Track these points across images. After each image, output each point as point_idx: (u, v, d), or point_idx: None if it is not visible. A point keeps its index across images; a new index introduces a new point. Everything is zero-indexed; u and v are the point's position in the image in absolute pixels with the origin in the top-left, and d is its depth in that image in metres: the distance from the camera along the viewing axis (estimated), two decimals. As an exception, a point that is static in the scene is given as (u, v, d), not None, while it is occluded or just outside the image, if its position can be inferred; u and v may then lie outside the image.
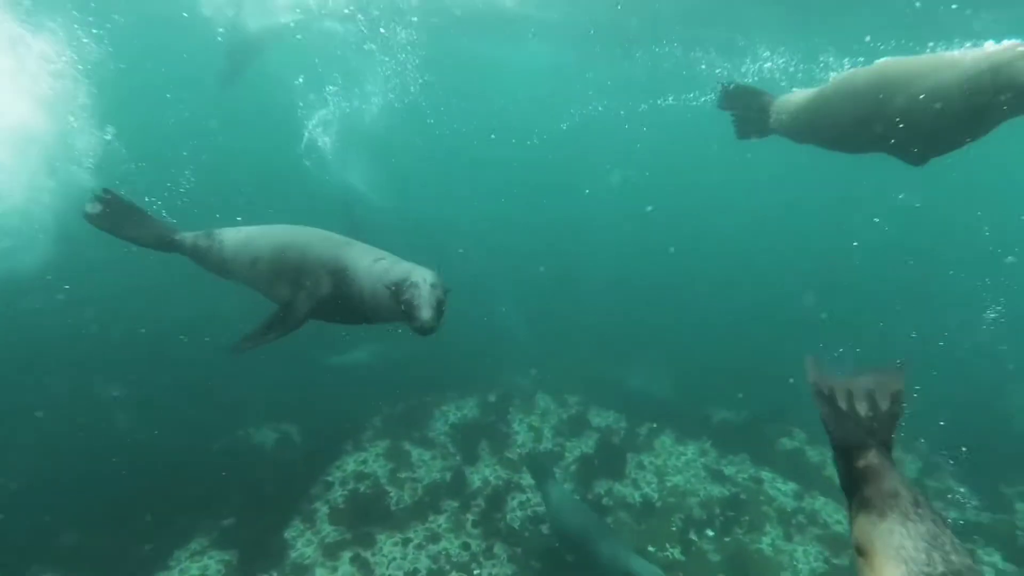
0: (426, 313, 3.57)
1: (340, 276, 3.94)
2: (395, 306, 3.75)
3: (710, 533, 9.76)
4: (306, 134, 16.74)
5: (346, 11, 15.01)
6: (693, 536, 9.66)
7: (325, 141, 16.88)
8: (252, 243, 4.40)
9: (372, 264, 3.95)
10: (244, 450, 11.49)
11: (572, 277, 22.13)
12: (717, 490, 10.74)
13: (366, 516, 9.33)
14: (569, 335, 17.11)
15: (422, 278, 3.69)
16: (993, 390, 13.57)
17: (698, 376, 16.62)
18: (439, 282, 3.79)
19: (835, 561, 9.23)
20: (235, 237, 4.56)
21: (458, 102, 27.01)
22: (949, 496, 10.90)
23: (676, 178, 35.52)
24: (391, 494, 9.99)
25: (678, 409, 13.94)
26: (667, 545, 9.45)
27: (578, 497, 9.87)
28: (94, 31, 12.44)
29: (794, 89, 5.26)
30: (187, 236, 4.84)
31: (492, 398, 13.30)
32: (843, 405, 2.22)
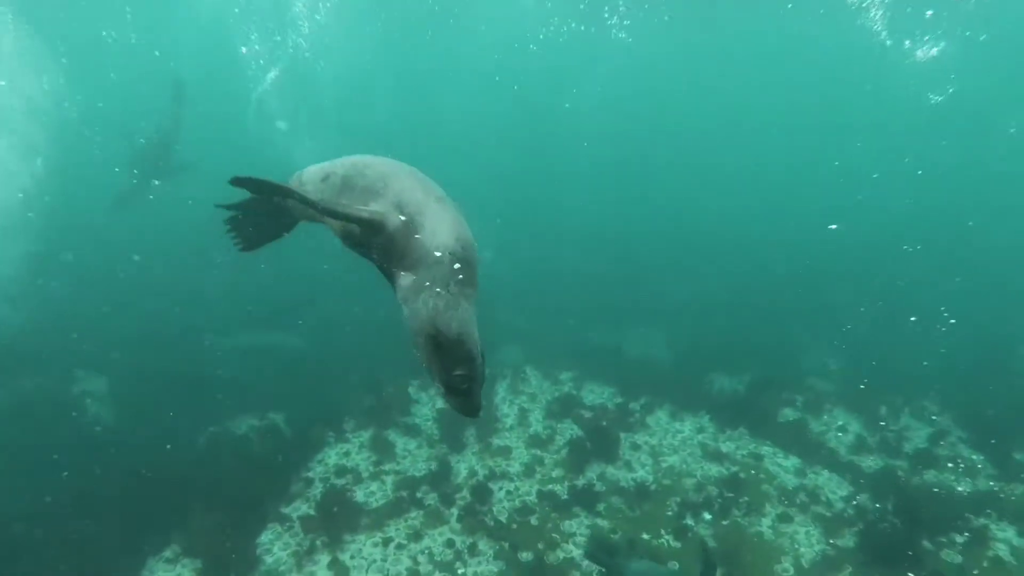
0: (478, 403, 2.65)
1: (410, 225, 2.92)
2: (417, 343, 2.74)
3: (707, 517, 9.31)
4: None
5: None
6: (689, 520, 9.22)
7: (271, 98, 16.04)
8: (333, 162, 3.57)
9: (448, 249, 2.80)
10: (226, 443, 11.09)
11: (561, 239, 21.41)
12: (715, 469, 10.26)
13: (346, 515, 8.93)
14: (561, 304, 16.52)
15: (476, 348, 2.66)
16: (1007, 349, 12.88)
17: (699, 340, 16.12)
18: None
19: (838, 543, 8.77)
20: (319, 164, 3.72)
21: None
22: (960, 464, 10.36)
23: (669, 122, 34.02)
24: (373, 489, 9.60)
25: (677, 377, 13.47)
26: (662, 531, 9.02)
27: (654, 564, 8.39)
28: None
29: None
30: None
31: (481, 378, 12.78)
32: None
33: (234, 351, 13.44)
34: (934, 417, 11.62)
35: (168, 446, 9.82)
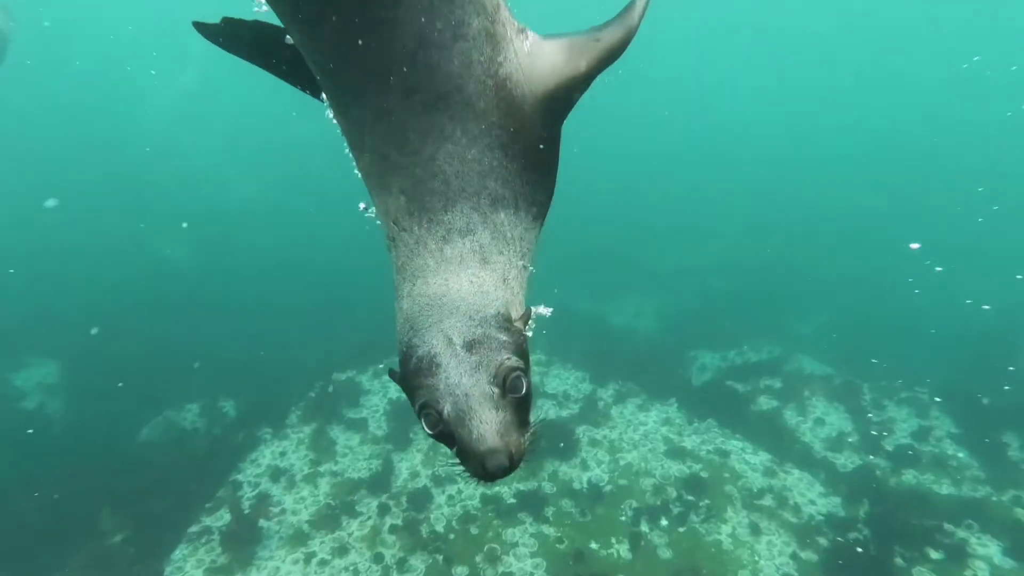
0: (479, 446, 1.55)
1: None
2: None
3: (663, 523, 8.60)
4: None
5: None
6: (644, 527, 8.51)
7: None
8: None
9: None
10: (159, 444, 10.52)
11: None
12: (676, 468, 9.49)
13: (268, 528, 8.33)
14: (540, 273, 15.56)
15: (439, 366, 1.64)
16: (1004, 338, 11.79)
17: (688, 310, 15.34)
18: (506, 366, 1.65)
19: (803, 556, 8.03)
20: None
21: None
22: (946, 464, 9.48)
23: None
24: (304, 495, 8.96)
25: (657, 353, 12.73)
26: (613, 540, 8.33)
27: None
28: None
29: None
30: None
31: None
32: None
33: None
34: (922, 409, 10.66)
35: (103, 444, 9.22)
